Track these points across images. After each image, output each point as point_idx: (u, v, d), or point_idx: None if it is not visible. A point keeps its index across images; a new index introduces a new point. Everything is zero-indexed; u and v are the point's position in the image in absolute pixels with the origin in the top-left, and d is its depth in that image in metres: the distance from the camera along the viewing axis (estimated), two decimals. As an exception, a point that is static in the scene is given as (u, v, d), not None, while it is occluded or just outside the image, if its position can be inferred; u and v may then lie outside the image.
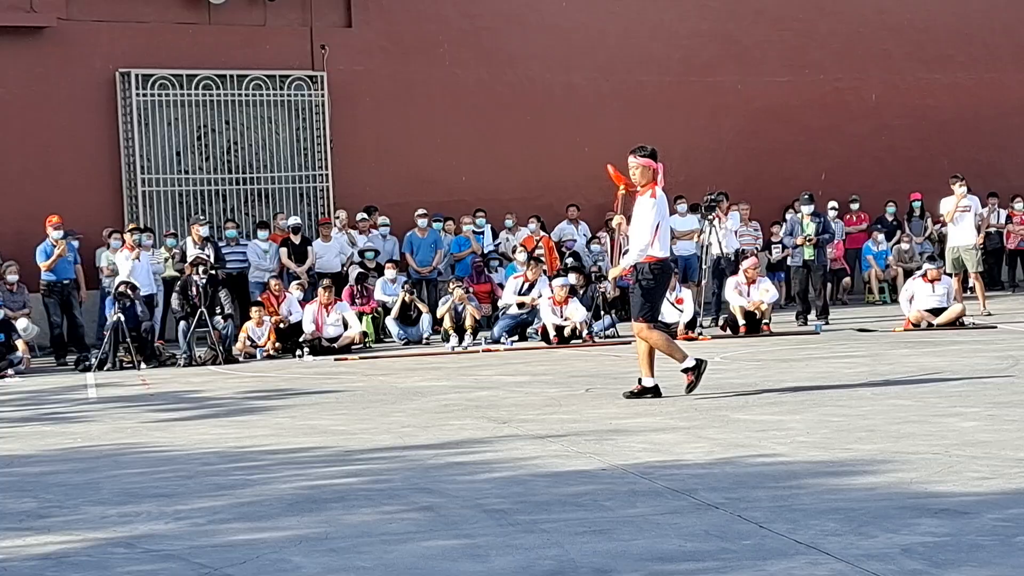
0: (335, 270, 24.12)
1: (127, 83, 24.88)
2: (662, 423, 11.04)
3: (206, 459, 10.27)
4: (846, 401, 12.01)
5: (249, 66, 25.66)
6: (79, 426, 13.01)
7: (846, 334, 20.14)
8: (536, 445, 10.13)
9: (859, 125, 29.61)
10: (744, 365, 16.16)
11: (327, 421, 12.38)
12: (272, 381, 17.08)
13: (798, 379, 14.08)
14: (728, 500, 7.66)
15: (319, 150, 26.11)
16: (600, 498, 7.93)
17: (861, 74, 29.79)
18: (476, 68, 27.28)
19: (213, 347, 20.25)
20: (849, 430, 10.18)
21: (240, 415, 13.33)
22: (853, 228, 28.26)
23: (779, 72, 29.21)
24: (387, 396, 14.27)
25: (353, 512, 7.85)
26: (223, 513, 7.99)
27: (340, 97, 26.10)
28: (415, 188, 26.19)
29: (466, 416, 12.13)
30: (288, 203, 25.91)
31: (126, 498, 8.65)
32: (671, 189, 26.38)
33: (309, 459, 10.03)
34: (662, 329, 13.20)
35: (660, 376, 12.90)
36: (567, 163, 27.34)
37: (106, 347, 20.11)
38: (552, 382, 15.01)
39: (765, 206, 27.41)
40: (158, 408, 14.39)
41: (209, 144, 25.59)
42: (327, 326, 21.39)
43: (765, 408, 11.75)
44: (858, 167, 29.30)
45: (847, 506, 7.36)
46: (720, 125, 28.67)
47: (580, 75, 27.88)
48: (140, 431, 12.39)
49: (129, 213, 24.77)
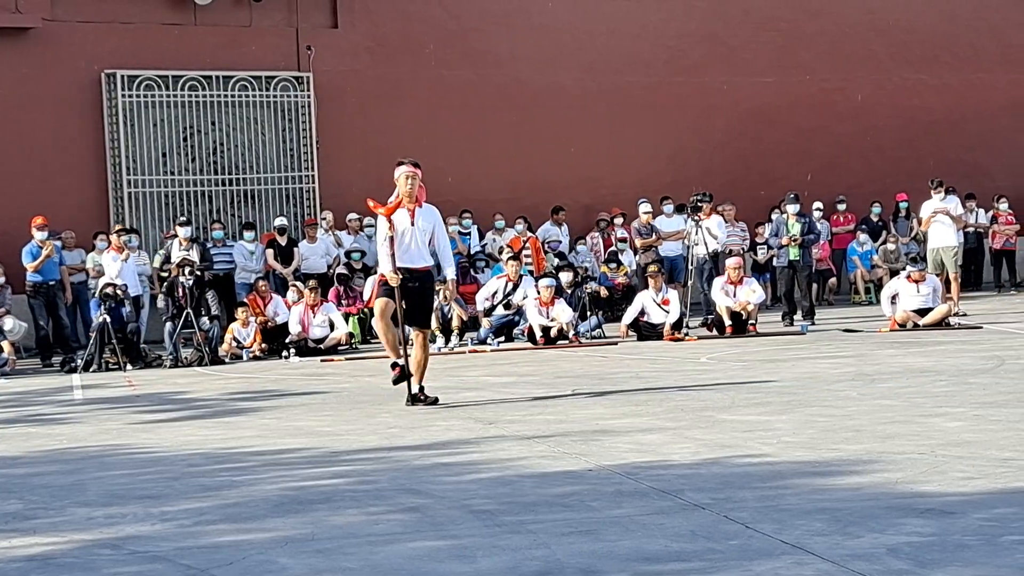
0: (321, 271, 24.11)
1: (113, 84, 24.84)
2: (648, 424, 11.05)
3: (192, 460, 10.27)
4: (832, 401, 12.03)
5: (235, 67, 25.63)
6: (65, 427, 12.99)
7: (832, 334, 20.17)
8: (522, 446, 10.13)
9: (846, 125, 29.65)
10: (730, 366, 16.17)
11: (313, 422, 12.37)
12: (258, 382, 17.07)
13: (784, 379, 14.10)
14: (714, 500, 7.67)
15: (305, 151, 26.09)
16: (586, 499, 7.94)
17: (847, 75, 29.82)
18: (462, 69, 27.27)
19: (199, 348, 20.23)
20: (835, 430, 10.20)
21: (226, 416, 13.32)
22: (840, 228, 28.31)
23: (766, 73, 29.24)
24: (373, 397, 14.26)
25: (339, 513, 7.85)
26: (209, 514, 7.99)
27: (326, 98, 26.08)
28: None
29: (452, 417, 12.14)
30: (274, 204, 25.89)
31: (112, 499, 8.64)
32: (659, 189, 26.66)
33: (295, 460, 10.03)
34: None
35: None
36: (554, 164, 27.36)
37: (92, 348, 20.08)
38: (538, 383, 15.01)
39: (752, 206, 27.45)
40: (144, 409, 14.37)
41: (195, 145, 25.56)
42: (313, 327, 21.38)
43: (751, 409, 11.77)
44: (845, 167, 29.34)
45: (833, 506, 7.38)
46: (707, 126, 28.69)
47: (567, 76, 27.89)
48: (126, 432, 12.37)
49: (115, 214, 24.74)
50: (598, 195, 27.51)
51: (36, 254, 21.61)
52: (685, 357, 17.76)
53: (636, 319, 21.33)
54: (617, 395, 13.31)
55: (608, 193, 27.42)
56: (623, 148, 27.91)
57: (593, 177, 27.67)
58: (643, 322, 21.27)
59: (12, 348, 20.35)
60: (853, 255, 27.67)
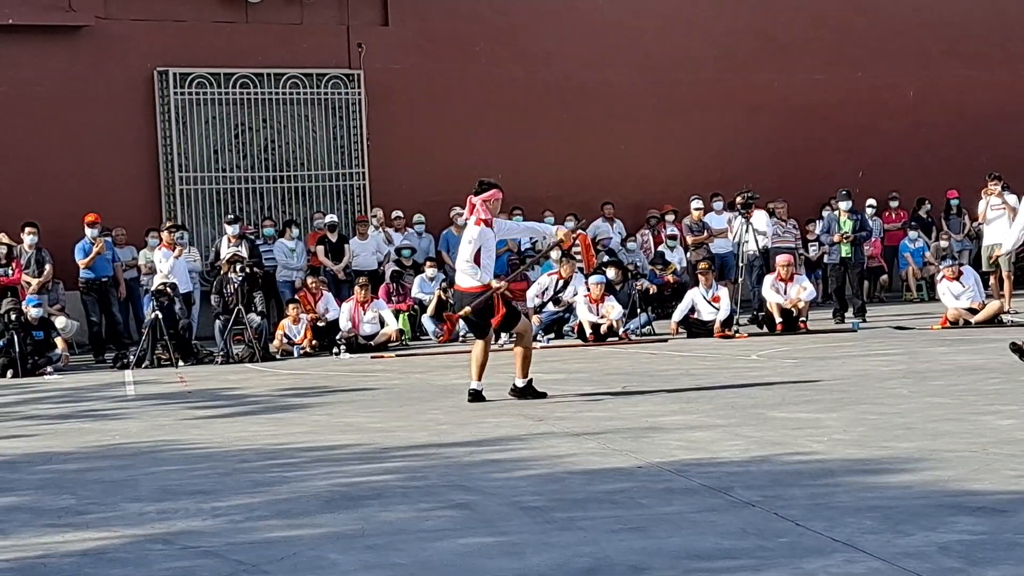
0: (372, 268, 24.16)
1: (165, 82, 24.98)
2: (698, 421, 11.02)
3: (243, 456, 10.31)
4: (883, 399, 11.97)
5: (286, 64, 25.73)
6: (117, 423, 13.06)
7: (883, 332, 20.08)
8: (572, 443, 10.13)
9: (896, 122, 29.47)
10: (781, 363, 16.12)
11: (363, 418, 12.40)
12: (309, 378, 17.12)
13: (835, 377, 14.04)
14: (764, 498, 7.64)
15: (356, 148, 26.16)
16: (636, 496, 7.93)
17: (898, 71, 29.64)
18: (511, 66, 27.27)
19: (250, 345, 20.31)
20: (886, 428, 10.15)
21: (277, 412, 13.37)
22: (891, 225, 28.15)
23: (816, 69, 29.10)
24: (423, 394, 14.29)
25: (389, 509, 7.86)
26: (260, 510, 8.01)
27: (376, 95, 26.14)
28: (451, 186, 26.07)
29: (502, 414, 12.14)
30: (325, 201, 25.97)
31: (164, 495, 8.68)
32: (708, 186, 26.59)
33: (345, 456, 10.05)
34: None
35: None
36: (603, 161, 27.33)
37: (144, 345, 20.19)
38: (588, 380, 15.00)
39: (802, 204, 27.29)
40: (196, 405, 14.44)
41: (246, 142, 25.67)
42: (364, 324, 21.43)
43: (802, 406, 11.73)
44: (895, 165, 29.15)
45: (884, 504, 7.34)
46: (756, 123, 28.58)
47: (616, 72, 27.85)
48: (178, 428, 12.44)
49: (167, 211, 24.87)
50: (647, 192, 27.46)
51: (88, 250, 21.75)
52: (735, 354, 17.72)
53: (686, 316, 21.29)
54: (667, 392, 13.29)
55: (657, 190, 27.36)
56: (672, 145, 27.85)
57: (642, 174, 27.62)
58: (693, 319, 21.23)
59: (65, 344, 20.48)
60: (905, 252, 27.50)
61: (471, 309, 12.98)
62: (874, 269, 26.97)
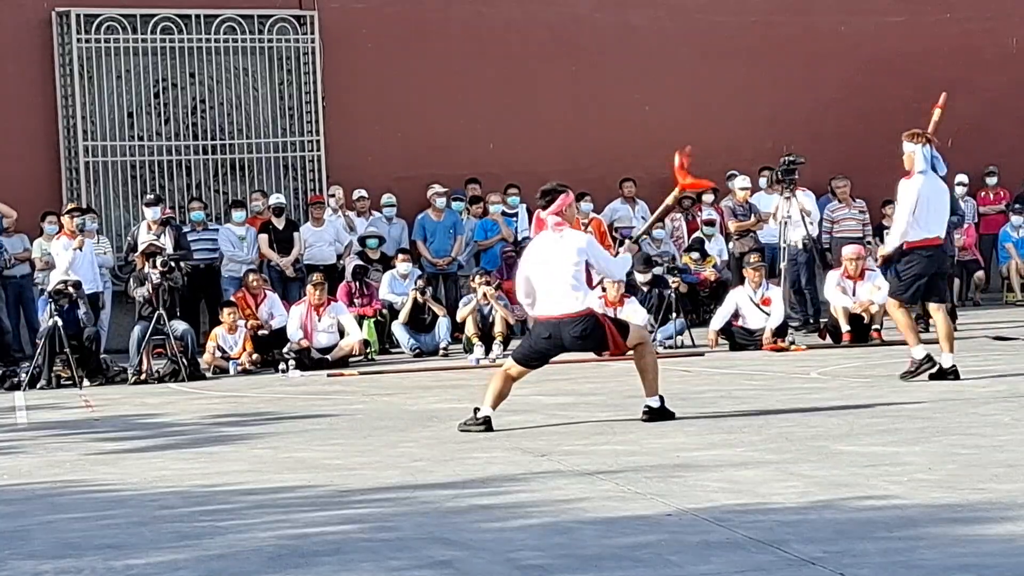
0: (329, 262, 24.16)
1: (66, 26, 24.97)
2: (744, 456, 11.04)
3: (165, 501, 10.31)
4: (978, 428, 11.99)
5: (219, 4, 25.72)
6: (5, 460, 13.06)
7: (979, 343, 20.11)
8: (583, 484, 10.15)
9: (995, 78, 29.47)
10: (848, 382, 16.15)
11: (317, 453, 12.41)
12: (249, 402, 17.16)
13: (917, 400, 14.05)
14: (828, 554, 7.65)
15: (308, 110, 26.17)
16: (664, 551, 7.94)
17: (997, 12, 29.68)
18: (506, 5, 27.28)
19: (173, 359, 20.28)
20: (982, 465, 10.17)
21: (208, 446, 13.38)
22: (989, 208, 28.19)
23: (893, 10, 29.13)
24: (394, 422, 14.30)
25: (350, 568, 7.88)
26: (186, 569, 8.02)
27: (335, 43, 26.14)
28: (429, 158, 26.18)
29: (494, 447, 12.15)
30: (269, 177, 25.98)
31: (64, 550, 8.68)
32: (756, 159, 26.59)
33: (295, 501, 10.07)
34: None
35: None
36: (622, 126, 27.32)
37: (39, 359, 20.15)
38: (603, 404, 15.03)
39: (874, 180, 27.27)
40: (105, 437, 14.43)
41: (169, 103, 25.67)
42: (318, 333, 21.43)
43: (875, 437, 11.75)
44: (996, 131, 29.16)
45: (980, 561, 7.35)
46: (818, 78, 28.60)
47: (639, 13, 27.86)
48: (82, 465, 12.43)
49: (69, 190, 24.85)
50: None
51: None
52: (791, 372, 17.75)
53: (729, 323, 21.30)
54: (704, 420, 13.31)
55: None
56: (710, 106, 27.84)
57: (672, 143, 27.35)
58: (737, 327, 21.24)
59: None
60: (1006, 242, 27.53)
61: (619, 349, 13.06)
62: (967, 263, 27.03)
